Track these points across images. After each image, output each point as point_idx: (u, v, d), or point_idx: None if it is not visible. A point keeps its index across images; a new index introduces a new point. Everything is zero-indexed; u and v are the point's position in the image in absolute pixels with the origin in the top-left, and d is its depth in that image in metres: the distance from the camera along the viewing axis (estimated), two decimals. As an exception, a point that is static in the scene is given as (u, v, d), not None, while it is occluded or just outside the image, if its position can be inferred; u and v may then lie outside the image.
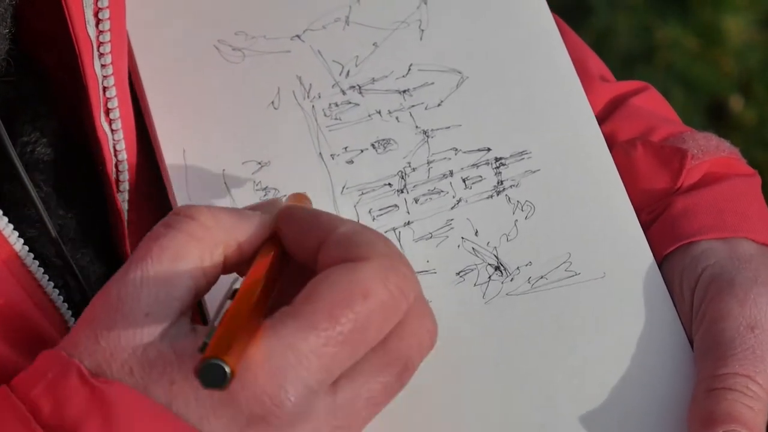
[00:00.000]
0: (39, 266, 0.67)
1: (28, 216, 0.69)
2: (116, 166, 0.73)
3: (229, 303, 0.59)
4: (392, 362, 0.61)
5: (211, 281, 0.62)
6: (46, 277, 0.67)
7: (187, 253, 0.61)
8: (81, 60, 0.69)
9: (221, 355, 0.55)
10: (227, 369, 0.55)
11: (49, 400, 0.59)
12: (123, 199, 0.74)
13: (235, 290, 0.60)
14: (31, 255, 0.66)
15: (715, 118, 1.90)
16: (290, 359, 0.58)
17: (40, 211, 0.68)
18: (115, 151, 0.72)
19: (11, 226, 0.65)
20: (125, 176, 0.73)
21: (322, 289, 0.59)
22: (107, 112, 0.71)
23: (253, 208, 0.65)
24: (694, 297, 0.70)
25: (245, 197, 0.74)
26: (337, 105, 0.75)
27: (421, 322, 0.62)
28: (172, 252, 0.61)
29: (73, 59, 0.70)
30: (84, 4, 0.68)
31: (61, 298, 0.69)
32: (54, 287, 0.68)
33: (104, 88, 0.71)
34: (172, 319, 0.60)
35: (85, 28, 0.69)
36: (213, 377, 0.55)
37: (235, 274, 0.63)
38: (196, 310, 0.72)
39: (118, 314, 0.60)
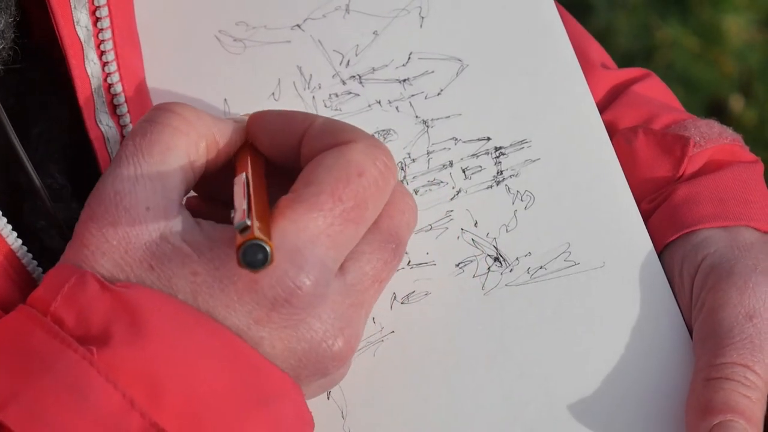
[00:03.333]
0: (38, 262, 0.67)
1: (39, 206, 0.70)
2: None
3: (240, 193, 0.61)
4: (387, 239, 0.65)
5: (197, 175, 0.65)
6: (39, 269, 0.67)
7: (174, 145, 0.63)
8: (68, 62, 0.69)
9: (262, 236, 0.58)
10: (268, 249, 0.58)
11: (70, 312, 0.60)
12: None
13: (245, 182, 0.62)
14: (24, 248, 0.66)
15: (715, 118, 1.90)
16: (304, 240, 0.61)
17: (45, 202, 0.68)
18: None
19: (5, 222, 0.65)
20: None
21: (320, 172, 0.62)
22: (114, 109, 0.71)
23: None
24: (693, 285, 0.70)
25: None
26: (337, 95, 0.75)
27: (404, 201, 0.66)
28: (162, 145, 0.63)
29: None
30: (72, 6, 0.68)
31: None
32: None
33: (109, 85, 0.71)
34: (174, 212, 0.62)
35: (74, 29, 0.69)
36: (255, 257, 0.58)
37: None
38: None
39: (119, 210, 0.61)
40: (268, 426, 0.61)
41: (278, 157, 0.67)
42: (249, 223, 0.58)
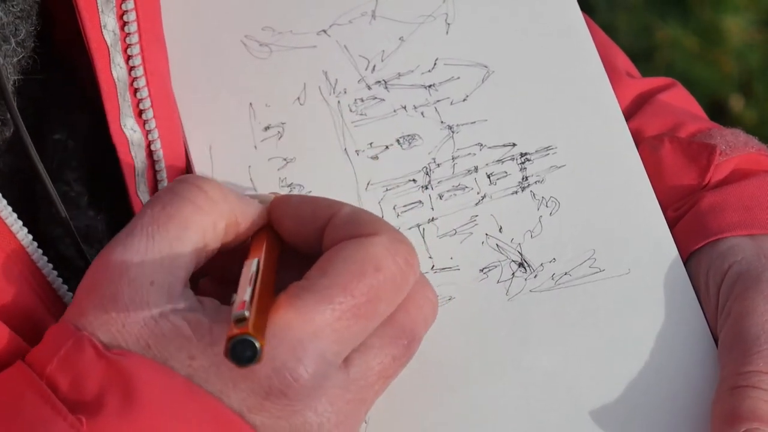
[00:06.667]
0: (54, 268, 0.67)
1: (55, 215, 0.69)
2: (153, 167, 0.73)
3: (246, 279, 0.60)
4: (400, 335, 0.63)
5: (210, 255, 0.63)
6: (60, 279, 0.67)
7: (192, 223, 0.62)
8: (95, 65, 0.69)
9: (255, 333, 0.56)
10: (257, 345, 0.56)
11: (66, 376, 0.59)
12: None
13: (255, 270, 0.60)
14: (40, 251, 0.66)
15: (715, 118, 1.90)
16: (308, 332, 0.59)
17: (60, 210, 0.68)
18: (151, 152, 0.72)
19: (23, 227, 0.65)
20: (163, 175, 0.73)
21: (336, 263, 0.61)
22: (139, 113, 0.71)
23: (252, 197, 0.66)
24: (719, 294, 0.70)
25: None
26: (362, 100, 0.75)
27: (423, 295, 0.64)
28: (179, 221, 0.61)
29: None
30: (99, 10, 0.68)
31: None
32: (69, 290, 0.68)
33: (135, 89, 0.71)
34: (178, 290, 0.61)
35: (101, 33, 0.69)
36: (242, 354, 0.56)
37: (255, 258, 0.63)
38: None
39: (123, 281, 0.60)
40: None
41: (299, 244, 0.65)
42: (247, 314, 0.57)
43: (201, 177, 0.64)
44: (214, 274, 0.67)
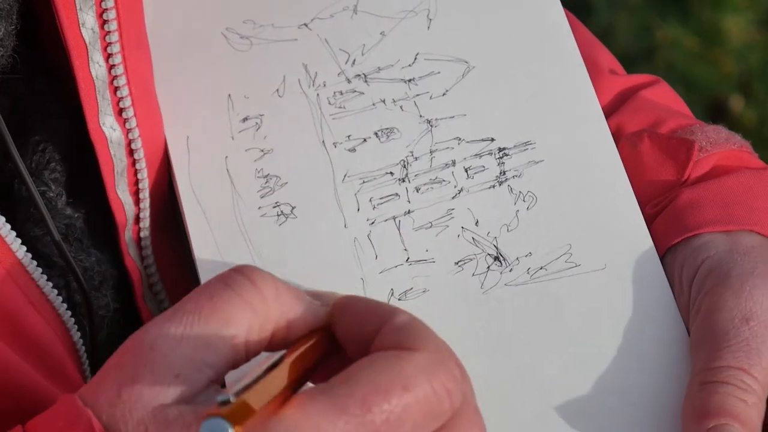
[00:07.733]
0: (37, 266, 0.67)
1: (34, 215, 0.69)
2: (133, 165, 0.73)
3: (259, 367, 0.56)
4: None
5: (250, 355, 0.59)
6: (44, 277, 0.68)
7: (237, 321, 0.57)
8: (72, 63, 0.69)
9: (230, 416, 0.52)
10: (230, 430, 0.52)
11: None
12: (143, 197, 0.74)
13: (274, 361, 0.56)
14: (29, 255, 0.66)
15: (715, 118, 1.90)
16: None
17: (42, 210, 0.68)
18: (131, 150, 0.73)
19: (8, 226, 0.66)
20: (144, 174, 0.73)
21: (362, 372, 0.55)
22: (119, 111, 0.71)
23: (313, 296, 0.61)
24: (692, 289, 0.70)
25: (247, 184, 0.74)
26: (341, 93, 0.76)
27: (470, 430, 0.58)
28: (224, 316, 0.57)
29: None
30: (78, 7, 0.68)
31: (60, 298, 0.69)
32: (53, 287, 0.68)
33: (115, 88, 0.71)
34: (202, 386, 0.57)
35: (79, 31, 0.68)
36: None
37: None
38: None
39: (146, 368, 0.56)
40: None
41: (356, 350, 0.60)
42: (232, 399, 0.53)
43: (259, 270, 0.59)
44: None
